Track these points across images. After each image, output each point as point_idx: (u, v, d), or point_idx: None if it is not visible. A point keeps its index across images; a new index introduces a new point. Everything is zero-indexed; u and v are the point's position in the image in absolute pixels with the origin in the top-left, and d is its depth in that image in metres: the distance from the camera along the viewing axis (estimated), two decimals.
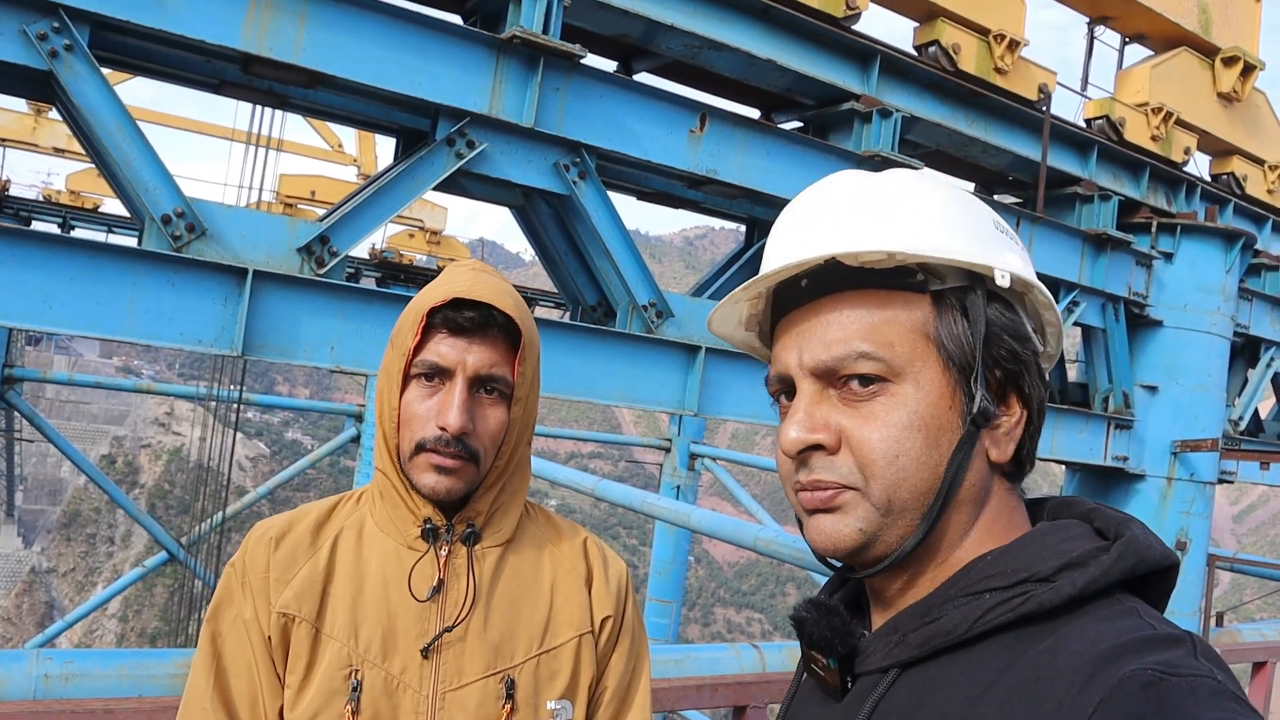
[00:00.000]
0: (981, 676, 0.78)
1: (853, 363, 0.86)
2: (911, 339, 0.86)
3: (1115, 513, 0.87)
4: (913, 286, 0.87)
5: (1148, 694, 0.67)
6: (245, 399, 12.46)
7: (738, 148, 5.10)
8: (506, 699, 1.38)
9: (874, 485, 0.85)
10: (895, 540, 0.86)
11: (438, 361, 1.36)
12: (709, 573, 70.36)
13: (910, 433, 0.85)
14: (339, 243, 4.13)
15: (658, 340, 4.98)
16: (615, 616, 1.51)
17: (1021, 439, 0.90)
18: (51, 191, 15.43)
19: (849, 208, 0.90)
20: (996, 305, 0.89)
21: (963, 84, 5.90)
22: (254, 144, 9.95)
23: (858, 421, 0.86)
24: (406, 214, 16.46)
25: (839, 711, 0.89)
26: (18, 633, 43.59)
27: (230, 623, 1.38)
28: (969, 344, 0.86)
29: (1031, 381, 0.89)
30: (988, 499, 0.89)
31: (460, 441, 1.35)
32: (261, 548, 1.41)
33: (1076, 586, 0.78)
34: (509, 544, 1.47)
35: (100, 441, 56.11)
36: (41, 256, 3.56)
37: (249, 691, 1.36)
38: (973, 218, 0.91)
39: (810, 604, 0.93)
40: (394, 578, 1.40)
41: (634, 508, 8.53)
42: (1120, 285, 7.12)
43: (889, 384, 0.86)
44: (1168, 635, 0.74)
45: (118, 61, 4.29)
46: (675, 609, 13.81)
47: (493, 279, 1.42)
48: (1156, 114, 7.19)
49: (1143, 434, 7.37)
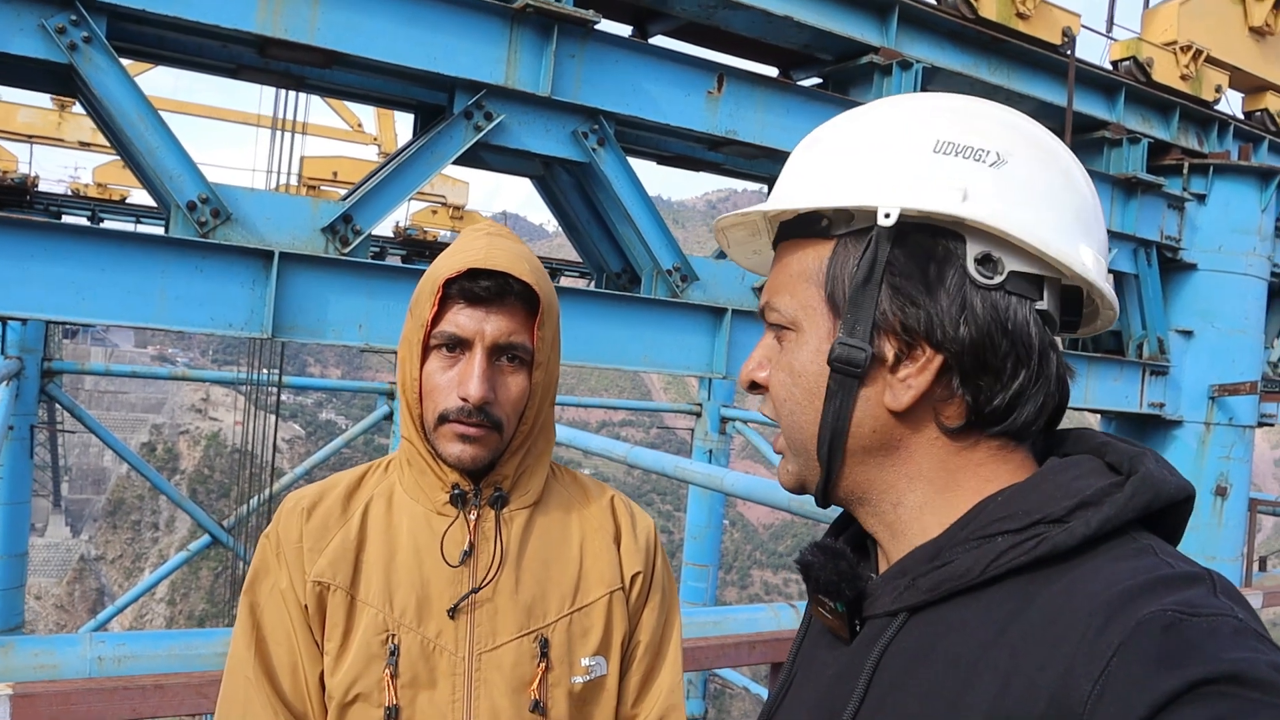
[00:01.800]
0: (994, 619, 0.76)
1: (768, 313, 0.92)
2: (805, 286, 0.88)
3: (1127, 445, 0.83)
4: (820, 233, 0.88)
5: (1168, 635, 0.65)
6: (282, 382, 12.59)
7: (757, 107, 5.06)
8: (541, 658, 1.40)
9: (782, 427, 0.91)
10: (814, 481, 0.90)
11: (456, 332, 1.37)
12: (744, 535, 70.57)
13: (794, 378, 0.88)
14: (362, 221, 4.14)
15: (683, 304, 4.97)
16: (645, 572, 1.53)
17: (948, 387, 0.82)
18: (79, 185, 15.59)
19: (791, 163, 0.93)
20: (914, 244, 0.82)
21: (984, 31, 5.80)
22: (279, 128, 9.97)
23: (775, 366, 0.91)
24: (429, 191, 16.47)
25: (847, 655, 0.88)
26: (71, 619, 44.57)
27: (268, 593, 1.41)
28: (843, 287, 0.84)
29: (948, 327, 0.80)
30: (906, 446, 0.85)
31: (483, 411, 1.36)
32: (294, 518, 1.43)
33: (1091, 527, 0.75)
34: (537, 505, 1.49)
35: (140, 430, 56.97)
36: (72, 249, 3.61)
37: (289, 659, 1.38)
38: (885, 151, 0.84)
39: (816, 547, 0.91)
40: (425, 543, 1.42)
41: (667, 473, 8.54)
42: (1152, 229, 7.00)
43: (790, 332, 0.89)
44: (1186, 573, 0.72)
45: (136, 51, 4.31)
46: (712, 572, 13.86)
47: (508, 244, 1.41)
48: (1185, 52, 7.03)
49: (1179, 380, 7.28)
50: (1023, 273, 0.82)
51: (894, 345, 0.83)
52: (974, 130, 0.83)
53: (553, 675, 1.41)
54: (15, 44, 3.43)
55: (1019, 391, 0.82)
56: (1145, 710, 0.62)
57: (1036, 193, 0.82)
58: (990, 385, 0.81)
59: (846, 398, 0.84)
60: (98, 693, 1.92)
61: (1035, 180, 0.83)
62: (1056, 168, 0.85)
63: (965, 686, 0.74)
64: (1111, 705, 0.64)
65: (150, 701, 1.94)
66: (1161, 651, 0.65)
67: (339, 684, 1.36)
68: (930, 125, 0.84)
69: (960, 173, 0.81)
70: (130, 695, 1.92)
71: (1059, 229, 0.82)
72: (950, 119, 0.84)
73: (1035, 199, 0.82)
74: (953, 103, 0.87)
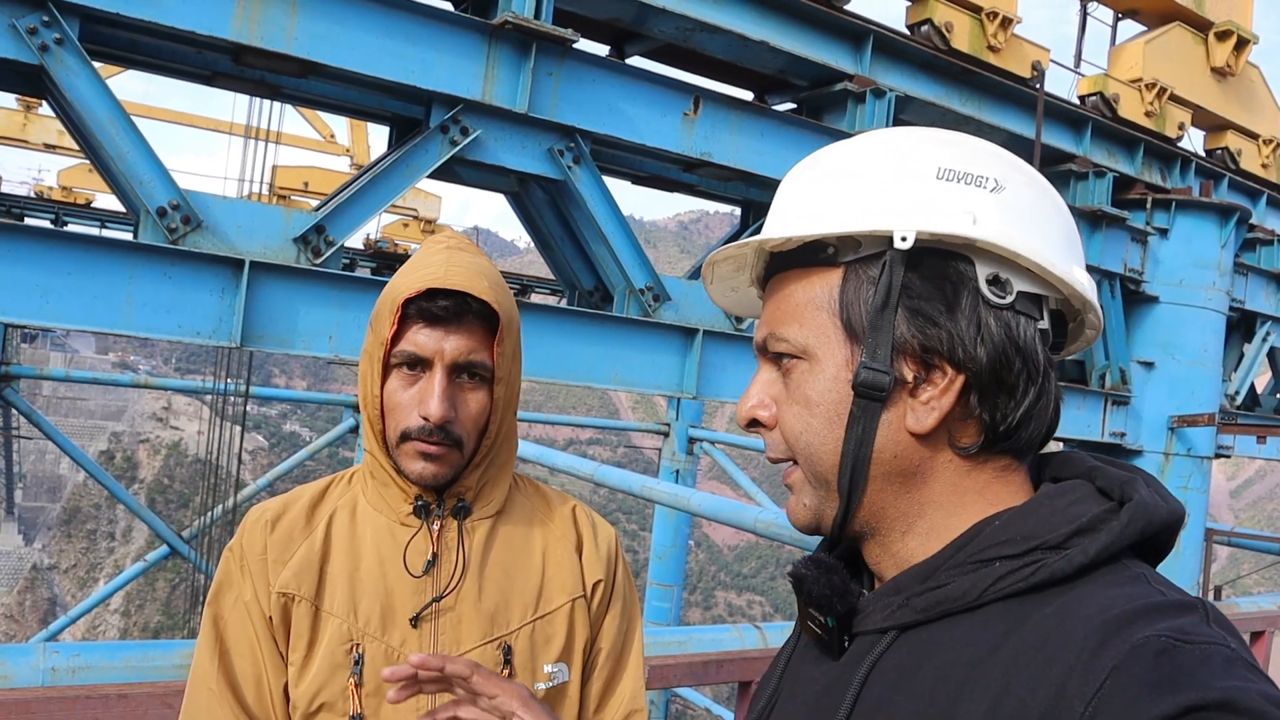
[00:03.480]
0: (985, 639, 0.77)
1: (773, 343, 0.90)
2: (816, 315, 0.87)
3: (1117, 470, 0.85)
4: (825, 261, 0.88)
5: (1161, 661, 0.66)
6: (246, 393, 12.44)
7: (732, 130, 5.10)
8: (504, 665, 1.42)
9: (799, 460, 0.89)
10: (831, 514, 0.88)
11: (415, 352, 1.37)
12: (709, 556, 70.54)
13: (811, 409, 0.87)
14: (335, 232, 4.12)
15: (655, 324, 4.98)
16: (606, 580, 1.55)
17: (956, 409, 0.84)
18: (43, 188, 15.41)
19: (784, 194, 0.93)
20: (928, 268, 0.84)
21: (956, 62, 5.89)
22: (252, 136, 9.89)
23: (784, 398, 0.90)
24: (400, 203, 16.44)
25: (835, 671, 0.88)
26: (21, 629, 43.66)
27: (231, 605, 1.41)
28: (860, 312, 0.85)
29: (968, 347, 0.82)
30: (924, 471, 0.86)
31: (443, 430, 1.37)
32: (258, 530, 1.43)
33: (1089, 555, 0.76)
34: (499, 516, 1.50)
35: (99, 437, 56.09)
36: (37, 252, 3.56)
37: (253, 671, 1.38)
38: (892, 178, 0.86)
39: (810, 561, 0.91)
40: (389, 554, 1.42)
41: (634, 492, 8.55)
42: (1116, 262, 7.12)
43: (800, 361, 0.88)
44: (1179, 602, 0.73)
45: (108, 55, 4.28)
46: (676, 593, 13.83)
47: (467, 258, 1.42)
48: (1150, 90, 7.18)
49: (1140, 410, 7.39)
50: (1027, 293, 0.85)
51: (913, 368, 0.84)
52: (970, 159, 0.86)
53: (516, 681, 1.41)
54: None
55: (1029, 409, 0.84)
56: None
57: (1033, 217, 0.85)
58: (1005, 404, 0.83)
59: (870, 423, 0.84)
60: (59, 701, 1.89)
61: (1031, 205, 0.86)
62: (1046, 194, 0.88)
63: (954, 704, 0.75)
64: None
65: (113, 711, 1.91)
66: (1155, 676, 0.65)
67: (304, 694, 1.36)
68: (929, 153, 0.86)
69: (965, 198, 0.84)
70: (93, 704, 1.88)
71: (1056, 250, 0.85)
72: (946, 149, 0.87)
73: (1033, 222, 0.85)
74: (940, 134, 0.89)
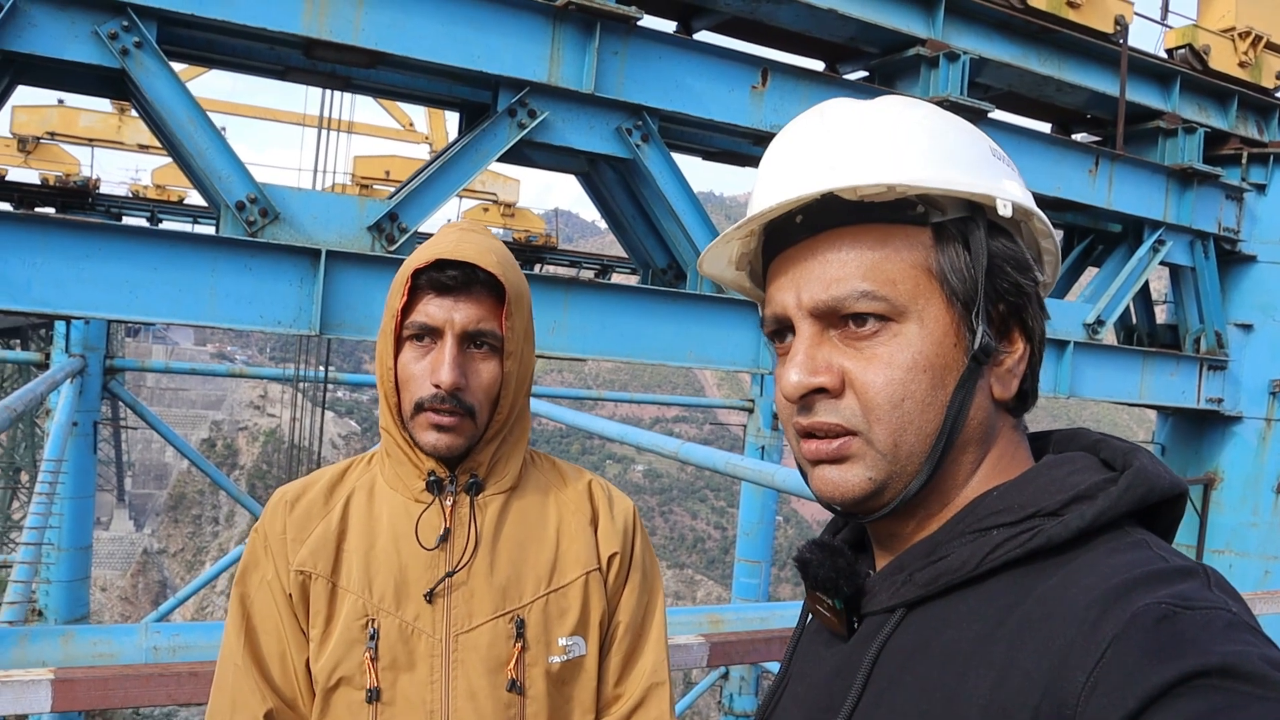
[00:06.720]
0: (990, 613, 0.76)
1: (854, 302, 0.83)
2: (913, 275, 0.83)
3: (1122, 442, 0.84)
4: (913, 219, 0.84)
5: (1161, 628, 0.65)
6: (333, 379, 12.78)
7: (801, 101, 5.02)
8: (517, 638, 1.44)
9: (878, 430, 0.83)
10: (901, 485, 0.84)
11: (426, 321, 1.41)
12: (798, 532, 70.12)
13: (915, 374, 0.82)
14: (408, 219, 4.19)
15: (730, 300, 4.96)
16: (623, 553, 1.55)
17: (1024, 374, 0.87)
18: (139, 187, 15.94)
19: (844, 138, 0.85)
20: (997, 236, 0.85)
21: (1033, 21, 5.70)
22: (325, 128, 10.11)
23: (861, 364, 0.83)
24: (479, 188, 16.61)
25: (845, 652, 0.88)
26: (135, 610, 45.68)
27: (257, 584, 1.47)
28: (970, 277, 0.83)
29: (1034, 313, 0.86)
30: (993, 437, 0.86)
31: (455, 398, 1.40)
32: (279, 511, 1.49)
33: (1085, 520, 0.76)
34: (512, 491, 1.52)
35: (200, 426, 58.20)
36: (126, 249, 3.70)
37: (278, 648, 1.44)
38: (971, 145, 0.87)
39: (814, 544, 0.92)
40: (403, 530, 1.46)
41: (718, 469, 8.52)
42: (1209, 221, 6.84)
43: (891, 323, 0.83)
44: (1180, 567, 0.72)
45: (186, 55, 4.40)
46: (765, 569, 13.85)
47: (478, 237, 1.46)
48: (1244, 38, 6.85)
49: (1238, 374, 7.11)
50: None
51: (993, 335, 0.85)
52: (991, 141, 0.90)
53: (529, 655, 1.44)
54: (70, 50, 3.52)
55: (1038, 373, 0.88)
56: (1137, 702, 0.62)
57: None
58: (1036, 370, 0.87)
59: (972, 388, 0.84)
60: (135, 679, 1.99)
61: None
62: None
63: (962, 680, 0.75)
64: (1104, 697, 0.64)
65: (185, 688, 2.00)
66: (1155, 644, 0.65)
67: (323, 668, 1.41)
68: (976, 131, 0.89)
69: (1014, 177, 0.88)
70: (166, 682, 1.98)
71: None
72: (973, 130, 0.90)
73: None
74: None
